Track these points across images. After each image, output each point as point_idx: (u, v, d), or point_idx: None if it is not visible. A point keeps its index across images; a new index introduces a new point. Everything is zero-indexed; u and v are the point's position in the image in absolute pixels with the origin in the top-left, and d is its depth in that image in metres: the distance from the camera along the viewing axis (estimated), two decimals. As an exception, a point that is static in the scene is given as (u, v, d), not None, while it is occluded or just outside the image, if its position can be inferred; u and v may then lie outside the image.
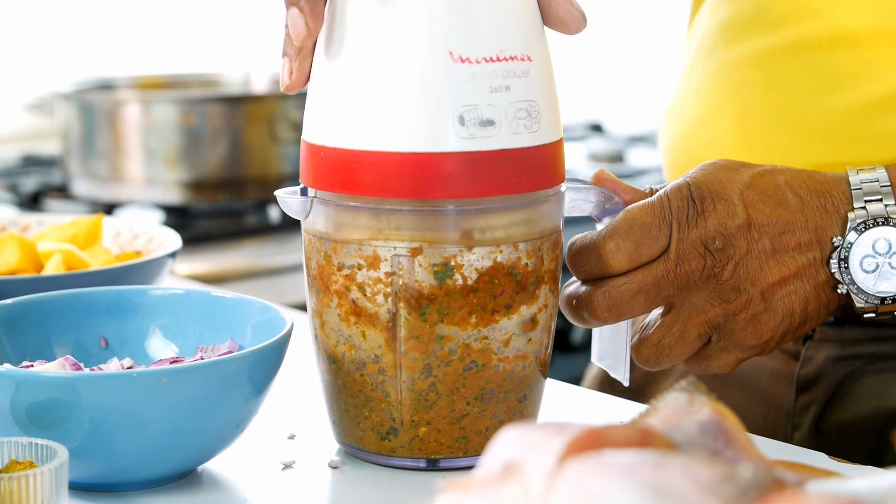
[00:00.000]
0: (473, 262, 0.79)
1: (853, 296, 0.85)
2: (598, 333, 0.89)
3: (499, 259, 0.80)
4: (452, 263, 0.79)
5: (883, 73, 0.96)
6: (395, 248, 0.79)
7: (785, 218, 0.84)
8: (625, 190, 0.86)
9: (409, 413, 0.82)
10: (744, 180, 0.85)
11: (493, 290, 0.80)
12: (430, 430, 0.82)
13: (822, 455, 0.85)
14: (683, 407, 0.61)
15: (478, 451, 0.82)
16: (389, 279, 0.80)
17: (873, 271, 0.85)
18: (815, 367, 1.01)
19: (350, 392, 0.83)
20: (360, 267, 0.80)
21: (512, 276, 0.80)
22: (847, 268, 0.85)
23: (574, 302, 0.85)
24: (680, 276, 0.83)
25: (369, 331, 0.81)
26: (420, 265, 0.79)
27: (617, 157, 2.19)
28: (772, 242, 0.84)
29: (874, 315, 0.87)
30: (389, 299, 0.80)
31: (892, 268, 0.85)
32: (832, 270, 0.85)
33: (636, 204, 0.84)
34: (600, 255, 0.83)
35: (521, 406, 0.83)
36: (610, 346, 0.88)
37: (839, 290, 0.85)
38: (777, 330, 0.85)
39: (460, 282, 0.80)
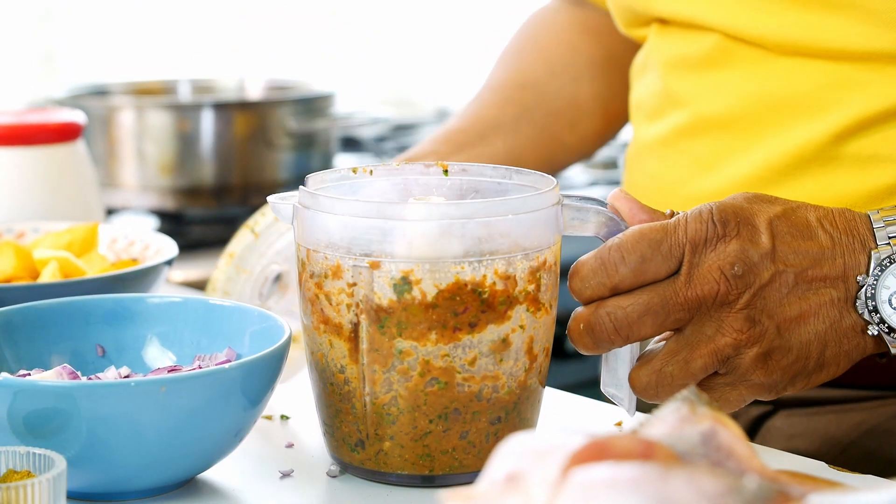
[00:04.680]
0: (432, 277, 0.78)
1: (885, 337, 0.81)
2: (605, 360, 0.86)
3: (460, 276, 0.79)
4: (411, 278, 0.79)
5: (745, 155, 1.00)
6: (355, 258, 0.79)
7: (813, 252, 0.81)
8: (643, 210, 0.83)
9: (374, 426, 0.81)
10: (774, 211, 0.82)
11: (455, 307, 0.79)
12: (394, 446, 0.81)
13: (822, 464, 0.85)
14: (685, 417, 0.61)
15: (444, 469, 0.81)
16: (351, 290, 0.79)
17: None
18: None
19: (324, 401, 0.83)
20: (326, 276, 0.80)
21: (476, 294, 0.79)
22: (875, 307, 0.81)
23: (582, 325, 0.81)
24: (691, 299, 0.80)
25: (335, 340, 0.81)
26: (379, 278, 0.79)
27: (611, 164, 2.19)
28: (796, 276, 0.81)
29: None
30: (352, 310, 0.80)
31: None
32: (860, 311, 0.81)
33: (649, 223, 0.81)
34: (604, 266, 0.80)
35: (494, 428, 0.81)
36: (616, 375, 0.85)
37: (870, 332, 0.82)
38: (788, 371, 0.81)
39: (419, 297, 0.79)
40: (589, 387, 1.28)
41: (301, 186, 0.83)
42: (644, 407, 0.89)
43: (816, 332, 0.81)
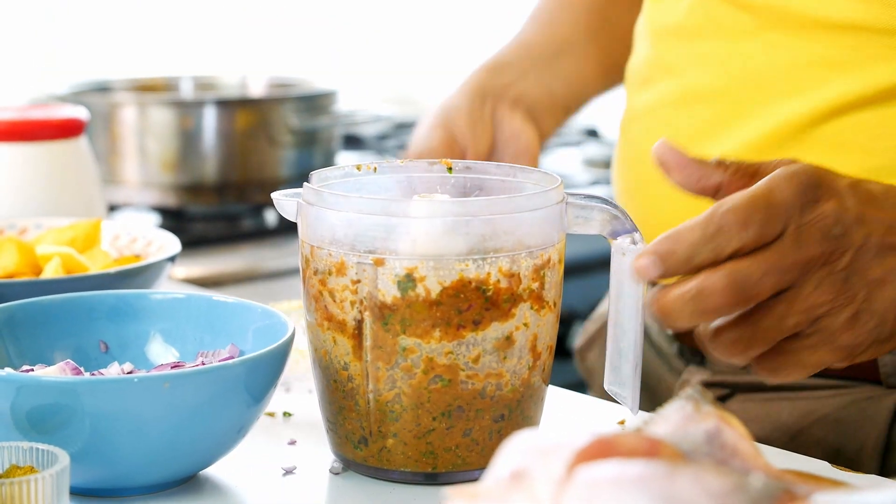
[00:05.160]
0: (436, 275, 0.78)
1: None
2: (609, 359, 0.86)
3: (465, 273, 0.79)
4: (415, 275, 0.78)
5: (726, 131, 1.01)
6: (359, 255, 0.79)
7: (887, 221, 0.81)
8: (692, 162, 0.82)
9: (377, 424, 0.81)
10: (846, 180, 0.82)
11: (459, 304, 0.79)
12: (397, 443, 0.81)
13: (825, 464, 0.85)
14: (690, 415, 0.61)
15: (447, 467, 0.81)
16: (355, 287, 0.79)
17: None
18: None
19: (328, 398, 0.83)
20: (329, 273, 0.80)
21: (480, 292, 0.79)
22: None
23: (693, 291, 0.78)
24: (800, 261, 0.79)
25: (339, 337, 0.81)
26: (383, 275, 0.79)
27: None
28: (880, 241, 0.81)
29: None
30: (355, 307, 0.80)
31: None
32: None
33: (748, 189, 0.80)
34: (722, 231, 0.77)
35: (498, 426, 0.81)
36: (619, 373, 0.85)
37: None
38: (871, 334, 0.81)
39: (423, 294, 0.79)
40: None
41: (305, 183, 0.83)
42: (646, 405, 0.89)
43: (893, 299, 0.81)
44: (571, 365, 1.64)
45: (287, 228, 1.77)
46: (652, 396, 1.09)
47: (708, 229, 0.78)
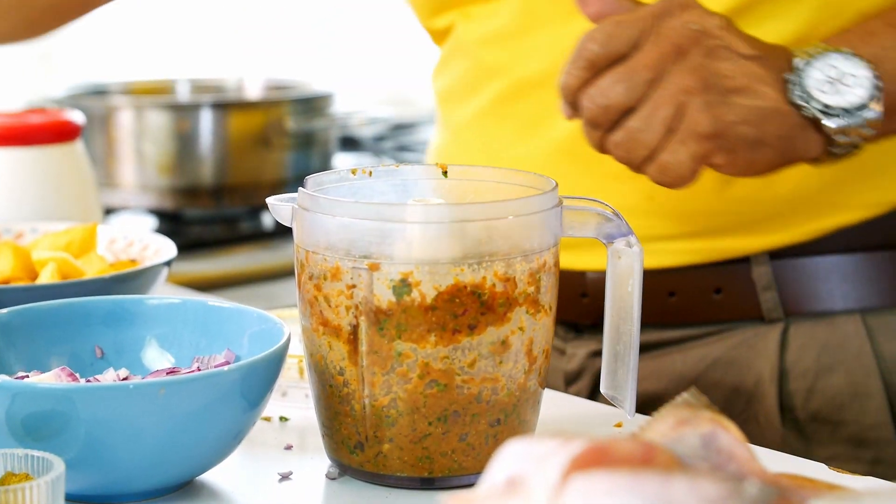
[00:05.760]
0: (431, 279, 0.78)
1: (825, 119, 0.89)
2: (605, 363, 0.86)
3: (460, 278, 0.79)
4: (410, 280, 0.78)
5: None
6: (354, 260, 0.79)
7: (758, 44, 0.89)
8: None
9: (373, 429, 0.81)
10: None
11: (454, 309, 0.79)
12: (393, 448, 0.81)
13: (822, 466, 0.85)
14: (685, 420, 0.61)
15: (443, 471, 0.81)
16: (350, 291, 0.79)
17: (831, 92, 0.89)
18: (578, 363, 1.12)
19: (324, 403, 0.83)
20: (325, 277, 0.80)
21: (476, 296, 0.79)
22: (807, 93, 0.89)
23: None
24: (654, 58, 0.85)
25: (334, 342, 0.81)
26: (378, 280, 0.79)
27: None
28: (747, 49, 0.88)
29: (848, 139, 0.90)
30: (351, 312, 0.80)
31: (846, 84, 0.89)
32: (796, 100, 0.88)
33: None
34: (577, 50, 0.86)
35: (494, 430, 0.81)
36: (615, 377, 0.86)
37: (804, 114, 0.89)
38: (732, 129, 0.87)
39: (418, 299, 0.79)
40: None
41: (300, 188, 0.83)
42: (644, 409, 0.89)
43: (756, 106, 0.88)
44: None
45: (284, 231, 1.77)
46: None
47: (572, 55, 0.86)
